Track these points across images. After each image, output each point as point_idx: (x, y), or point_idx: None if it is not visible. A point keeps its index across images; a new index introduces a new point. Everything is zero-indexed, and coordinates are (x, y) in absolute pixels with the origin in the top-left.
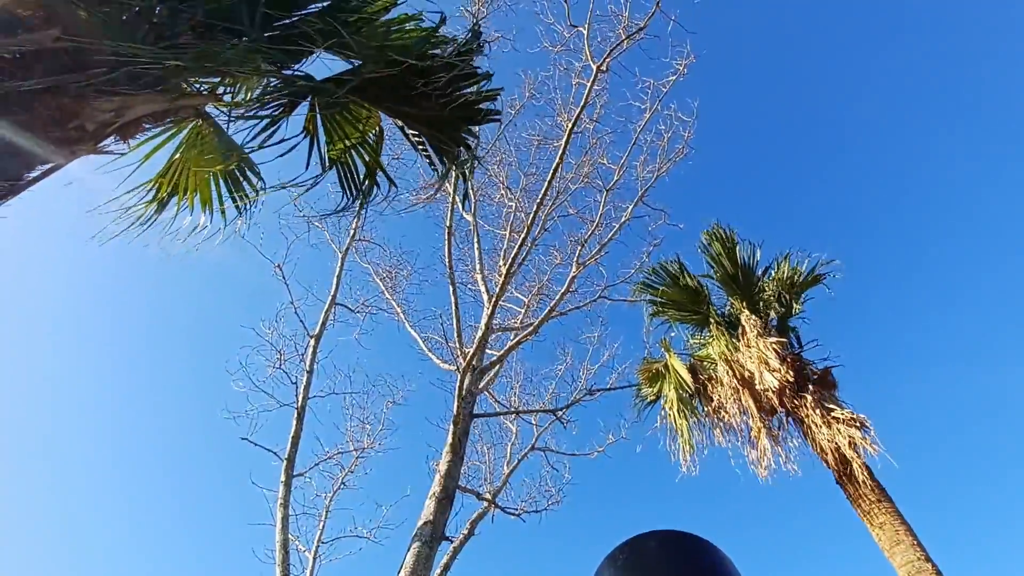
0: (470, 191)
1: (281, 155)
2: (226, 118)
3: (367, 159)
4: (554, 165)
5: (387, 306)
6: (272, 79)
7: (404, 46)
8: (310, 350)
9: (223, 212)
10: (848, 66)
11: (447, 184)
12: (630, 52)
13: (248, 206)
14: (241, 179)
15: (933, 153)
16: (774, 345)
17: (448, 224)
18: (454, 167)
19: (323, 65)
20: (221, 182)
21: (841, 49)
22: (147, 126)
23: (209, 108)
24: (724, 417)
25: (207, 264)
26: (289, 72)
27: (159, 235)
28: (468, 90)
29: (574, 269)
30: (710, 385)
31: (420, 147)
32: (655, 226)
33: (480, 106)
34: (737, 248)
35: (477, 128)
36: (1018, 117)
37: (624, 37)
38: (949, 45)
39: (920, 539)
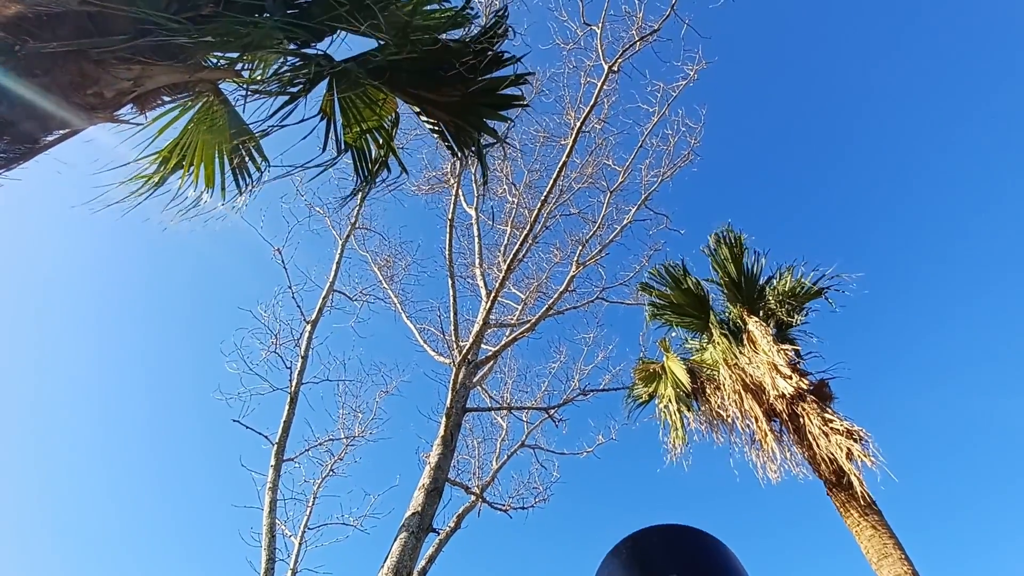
0: (477, 181)
1: (304, 138)
2: (238, 95)
3: (381, 144)
4: (560, 163)
5: (384, 295)
6: (292, 58)
7: (427, 28)
8: (306, 335)
9: (223, 190)
10: (855, 78)
11: (451, 176)
12: (641, 54)
13: (250, 187)
14: (246, 158)
15: (943, 166)
16: (787, 351)
17: (450, 216)
18: (472, 152)
19: (338, 49)
20: (226, 160)
21: (849, 60)
22: (164, 98)
23: (223, 85)
24: (725, 419)
25: (207, 245)
26: (311, 51)
27: (160, 208)
28: (493, 75)
29: (573, 268)
30: (708, 387)
31: (437, 134)
32: (656, 230)
33: (504, 92)
34: (744, 254)
35: (505, 111)
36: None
37: (637, 38)
38: (959, 56)
39: (908, 553)
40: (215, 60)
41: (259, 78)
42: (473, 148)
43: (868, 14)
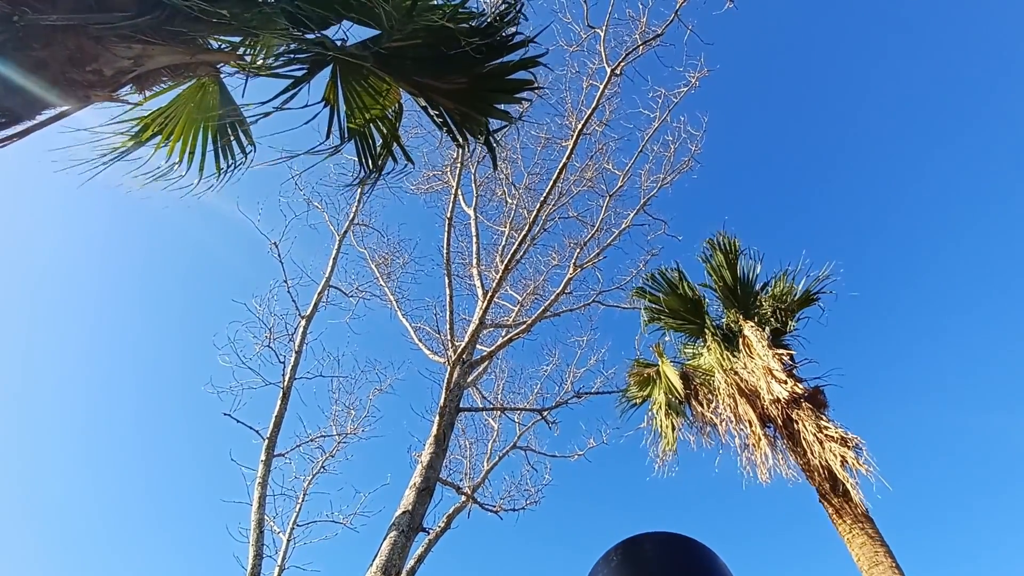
0: (477, 180)
1: (307, 123)
2: (237, 80)
3: (385, 133)
4: (560, 165)
5: (381, 292)
6: (293, 43)
7: (431, 16)
8: (300, 330)
9: (202, 165)
10: (854, 86)
11: (450, 175)
12: (644, 58)
13: (233, 168)
14: (232, 139)
15: (935, 181)
16: (783, 356)
17: (449, 215)
18: (478, 140)
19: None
20: (209, 137)
21: (848, 68)
22: (164, 79)
23: (223, 68)
24: (718, 425)
25: (203, 236)
26: (314, 36)
27: (135, 175)
28: (502, 60)
29: (571, 271)
30: (701, 392)
31: (442, 125)
32: (654, 235)
33: (513, 76)
34: (739, 260)
35: (516, 94)
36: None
37: (640, 42)
38: (956, 69)
39: (899, 562)
40: (217, 43)
41: (261, 63)
42: (480, 135)
43: (866, 24)
